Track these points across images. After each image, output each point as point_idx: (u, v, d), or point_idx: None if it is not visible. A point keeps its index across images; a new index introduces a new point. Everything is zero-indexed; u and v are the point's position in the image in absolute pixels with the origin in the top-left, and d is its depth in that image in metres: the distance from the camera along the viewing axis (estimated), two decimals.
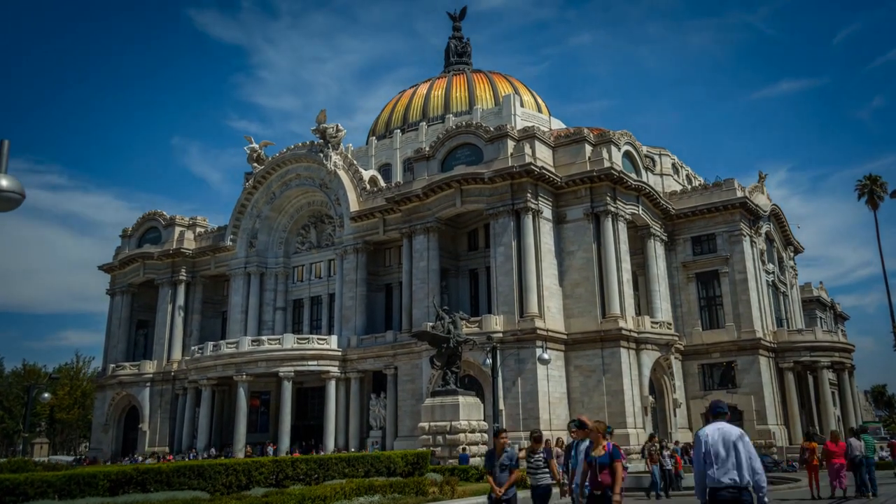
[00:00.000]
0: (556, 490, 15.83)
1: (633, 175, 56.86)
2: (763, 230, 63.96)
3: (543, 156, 54.53)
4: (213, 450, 59.07)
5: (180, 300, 71.28)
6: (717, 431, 9.28)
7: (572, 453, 14.14)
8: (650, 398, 51.64)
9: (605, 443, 11.27)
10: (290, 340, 58.58)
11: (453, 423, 32.36)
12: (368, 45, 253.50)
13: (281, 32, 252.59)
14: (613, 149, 55.47)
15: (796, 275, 74.99)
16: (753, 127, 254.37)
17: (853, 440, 24.75)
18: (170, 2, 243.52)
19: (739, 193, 59.51)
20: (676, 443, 33.59)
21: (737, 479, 8.88)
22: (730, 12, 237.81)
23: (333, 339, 59.90)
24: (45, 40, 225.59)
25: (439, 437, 32.66)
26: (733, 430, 9.23)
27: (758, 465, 9.02)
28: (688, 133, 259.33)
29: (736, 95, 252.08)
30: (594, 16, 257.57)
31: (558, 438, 29.84)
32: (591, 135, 56.48)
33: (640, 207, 56.55)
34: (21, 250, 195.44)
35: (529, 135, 54.49)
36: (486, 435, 33.97)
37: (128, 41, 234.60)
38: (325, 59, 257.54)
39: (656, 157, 64.79)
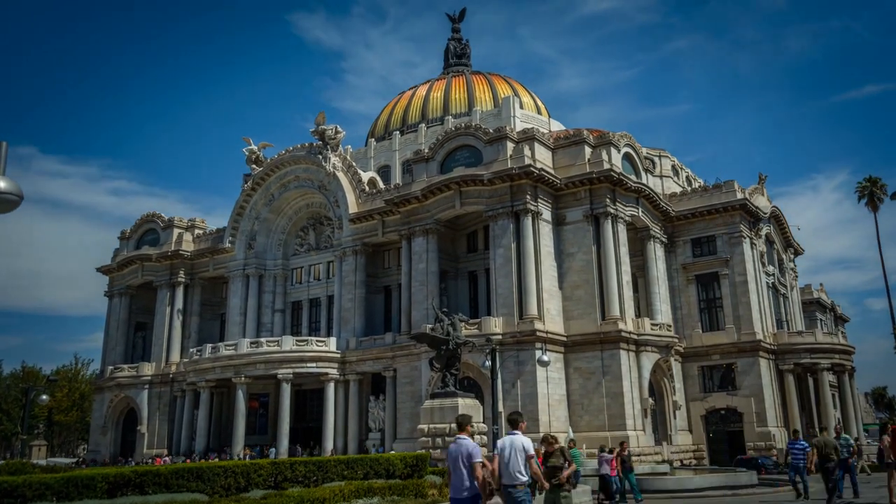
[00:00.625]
0: None
1: (633, 177, 56.80)
2: (763, 232, 63.88)
3: (543, 157, 54.46)
4: (212, 454, 58.94)
5: (179, 302, 71.16)
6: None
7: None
8: (650, 400, 51.51)
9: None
10: (288, 342, 58.46)
11: (452, 425, 32.23)
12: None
13: (381, 37, 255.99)
14: (613, 150, 55.40)
15: (796, 276, 74.91)
16: (829, 129, 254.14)
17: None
18: (271, 8, 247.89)
19: (739, 195, 59.39)
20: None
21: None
22: (834, 17, 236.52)
23: (332, 340, 59.78)
24: (125, 43, 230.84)
25: (438, 440, 32.53)
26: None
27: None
28: (762, 136, 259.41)
29: (818, 98, 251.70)
30: (699, 21, 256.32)
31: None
32: (591, 136, 56.41)
33: (640, 209, 56.47)
34: (79, 254, 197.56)
35: (529, 136, 54.42)
36: (485, 437, 33.85)
37: (220, 46, 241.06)
38: (417, 63, 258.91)
39: (656, 159, 64.70)
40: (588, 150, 55.20)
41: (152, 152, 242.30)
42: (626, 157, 58.07)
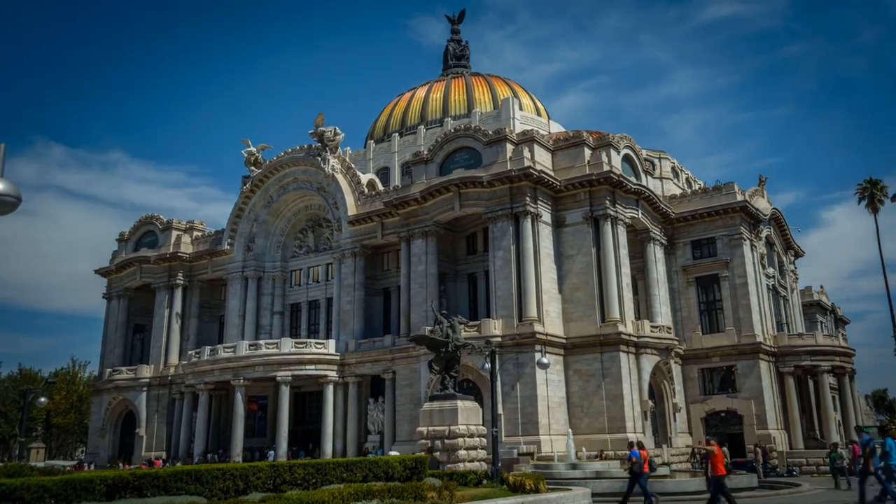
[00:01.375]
0: None
1: (633, 179, 56.72)
2: (763, 234, 63.81)
3: (542, 159, 54.39)
4: (213, 455, 58.79)
5: (177, 304, 70.99)
6: None
7: None
8: (650, 403, 51.44)
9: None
10: (287, 345, 58.33)
11: (452, 427, 32.10)
12: (578, 54, 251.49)
13: (499, 41, 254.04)
14: (613, 152, 55.32)
15: (797, 279, 74.86)
16: None
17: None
18: (390, 13, 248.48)
19: (739, 197, 59.33)
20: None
21: None
22: None
23: (331, 343, 59.66)
24: (222, 51, 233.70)
25: (438, 442, 32.40)
26: None
27: None
28: (858, 139, 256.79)
29: None
30: (821, 25, 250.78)
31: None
32: (591, 138, 56.35)
33: (640, 211, 56.39)
34: None
35: (528, 138, 54.34)
36: (484, 440, 33.73)
37: (325, 52, 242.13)
38: (524, 67, 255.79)
39: (656, 161, 64.60)
40: (588, 151, 55.12)
41: (236, 158, 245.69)
42: (626, 158, 57.99)
